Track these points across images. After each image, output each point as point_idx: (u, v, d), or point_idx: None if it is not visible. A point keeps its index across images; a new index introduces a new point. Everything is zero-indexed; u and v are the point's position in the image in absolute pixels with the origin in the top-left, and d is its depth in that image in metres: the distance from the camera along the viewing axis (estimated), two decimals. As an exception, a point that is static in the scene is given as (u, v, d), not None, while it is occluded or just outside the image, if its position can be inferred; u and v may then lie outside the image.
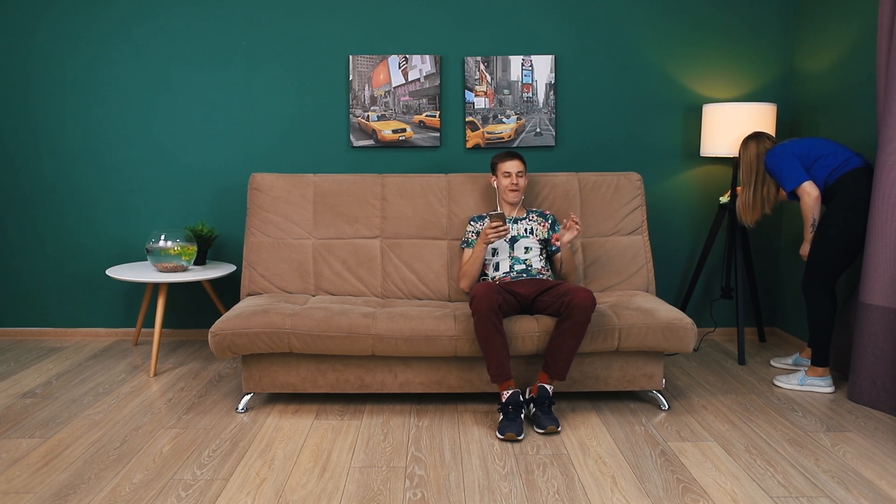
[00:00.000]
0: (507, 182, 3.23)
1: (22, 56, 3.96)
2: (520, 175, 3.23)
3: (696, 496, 2.29)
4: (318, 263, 3.49)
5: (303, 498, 2.28)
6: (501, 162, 3.26)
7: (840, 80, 3.57)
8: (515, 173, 3.22)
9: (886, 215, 2.96)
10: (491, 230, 2.96)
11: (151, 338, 4.16)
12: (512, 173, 3.22)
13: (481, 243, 3.09)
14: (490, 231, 2.97)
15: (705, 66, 3.99)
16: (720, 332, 4.18)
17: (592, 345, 2.93)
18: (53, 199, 4.07)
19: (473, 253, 3.16)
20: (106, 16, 3.93)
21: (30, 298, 4.16)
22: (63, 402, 3.12)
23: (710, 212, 4.10)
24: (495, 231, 2.96)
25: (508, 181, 3.22)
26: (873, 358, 3.02)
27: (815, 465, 2.51)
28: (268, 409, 3.04)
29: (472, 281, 3.22)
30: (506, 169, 3.24)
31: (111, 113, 4.00)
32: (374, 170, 4.03)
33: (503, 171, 3.25)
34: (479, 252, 3.13)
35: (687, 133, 4.04)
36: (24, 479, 2.40)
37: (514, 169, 3.23)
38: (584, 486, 2.36)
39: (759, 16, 3.96)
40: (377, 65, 3.94)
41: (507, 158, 3.25)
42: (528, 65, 3.94)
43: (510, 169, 3.23)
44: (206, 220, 4.07)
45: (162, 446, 2.67)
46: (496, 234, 2.97)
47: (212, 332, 2.94)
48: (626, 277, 3.46)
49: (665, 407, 3.04)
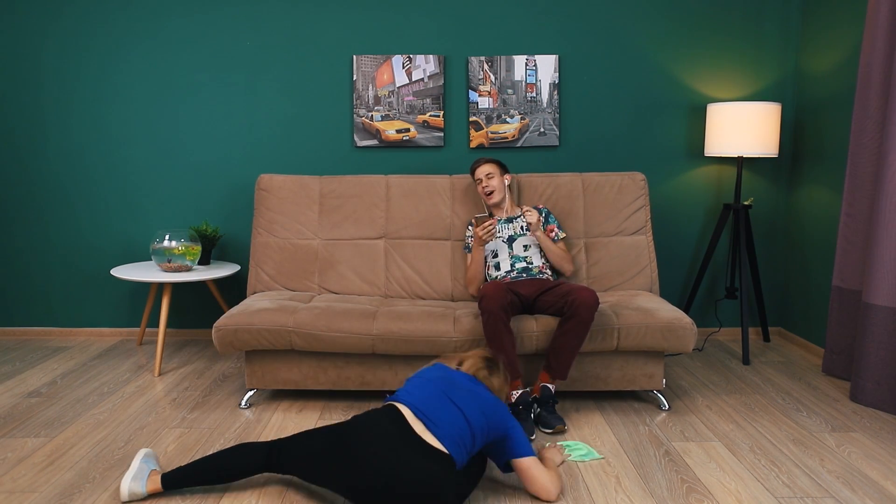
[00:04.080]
0: (479, 188, 3.33)
1: (32, 57, 3.97)
2: (490, 177, 3.30)
3: (701, 496, 2.29)
4: (323, 263, 3.50)
5: (306, 497, 2.28)
6: (473, 171, 3.38)
7: (844, 80, 3.56)
8: (485, 176, 3.31)
9: (890, 215, 2.95)
10: (482, 231, 3.02)
11: (156, 337, 4.17)
12: (482, 178, 3.32)
13: (477, 246, 3.13)
14: (482, 232, 3.02)
15: (709, 66, 3.99)
16: (725, 332, 4.18)
17: (591, 344, 2.93)
18: (60, 198, 4.08)
19: (473, 258, 3.20)
20: (114, 18, 3.95)
21: (35, 298, 4.17)
22: (68, 401, 3.13)
23: (714, 211, 4.10)
24: (486, 231, 3.01)
25: (480, 187, 3.33)
26: (877, 358, 3.01)
27: (820, 465, 2.51)
28: (272, 408, 3.05)
29: (479, 284, 3.25)
30: (476, 176, 3.36)
31: (118, 113, 4.02)
32: (378, 170, 4.03)
33: (475, 178, 3.36)
34: (478, 255, 3.17)
35: (691, 133, 4.04)
36: (30, 479, 2.41)
37: (483, 174, 3.32)
38: (587, 486, 2.35)
39: (764, 15, 3.96)
40: (381, 65, 3.94)
41: (476, 166, 3.36)
42: (531, 64, 3.94)
43: (479, 175, 3.34)
44: (211, 219, 4.08)
45: (166, 445, 2.67)
46: (488, 234, 3.02)
47: (215, 328, 2.96)
48: (630, 277, 3.46)
49: (665, 407, 3.03)
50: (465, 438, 2.15)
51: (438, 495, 2.03)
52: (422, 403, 2.19)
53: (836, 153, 3.63)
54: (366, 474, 2.05)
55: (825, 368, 3.45)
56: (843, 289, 3.33)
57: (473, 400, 2.22)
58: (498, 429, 2.23)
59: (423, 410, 2.17)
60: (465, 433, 2.15)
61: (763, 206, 4.09)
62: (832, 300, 3.37)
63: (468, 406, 2.19)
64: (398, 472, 2.03)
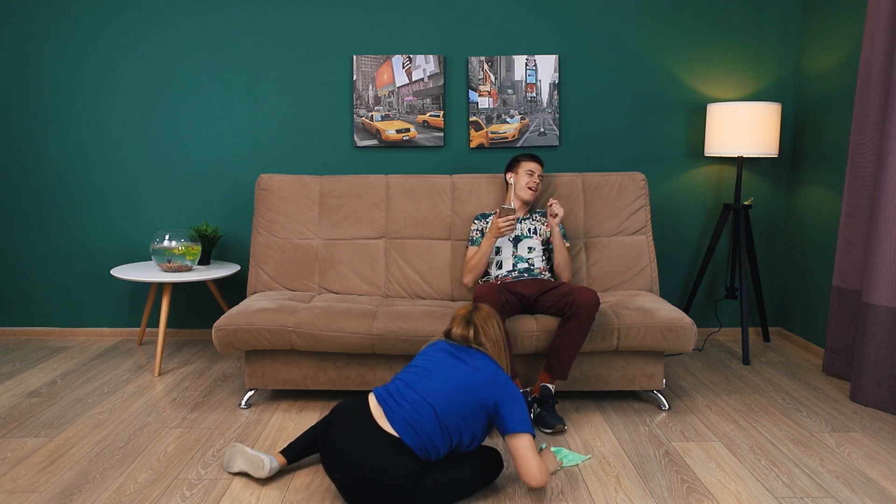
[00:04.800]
0: (529, 179, 3.28)
1: (32, 57, 3.97)
2: (540, 177, 3.31)
3: (701, 496, 2.29)
4: (323, 263, 3.50)
5: (306, 497, 2.28)
6: (526, 161, 3.32)
7: (844, 80, 3.56)
8: (538, 174, 3.29)
9: (890, 215, 2.95)
10: (503, 222, 2.99)
11: (156, 337, 4.17)
12: (535, 172, 3.29)
13: (491, 236, 3.11)
14: (502, 223, 2.99)
15: (710, 66, 3.99)
16: (725, 332, 4.18)
17: (591, 344, 2.93)
18: (60, 198, 4.08)
19: (481, 248, 3.18)
20: (115, 17, 3.95)
21: (35, 298, 4.17)
22: (68, 401, 3.13)
23: (714, 211, 4.10)
24: (507, 223, 2.99)
25: (530, 179, 3.28)
26: (877, 358, 3.01)
27: (820, 465, 2.51)
28: (272, 408, 3.05)
29: (476, 276, 3.23)
30: (530, 167, 3.30)
31: (118, 113, 4.02)
32: (378, 170, 4.03)
33: (527, 168, 3.30)
34: (487, 246, 3.15)
35: (691, 133, 4.04)
36: (30, 479, 2.41)
37: (538, 170, 3.31)
38: (588, 486, 2.35)
39: (764, 15, 3.96)
40: (381, 65, 3.94)
41: (531, 159, 3.33)
42: (531, 64, 3.94)
43: (534, 168, 3.30)
44: (211, 219, 4.08)
45: (166, 445, 2.67)
46: (508, 227, 3.00)
47: (215, 328, 2.96)
48: (630, 277, 3.46)
49: (665, 407, 3.03)
50: (426, 424, 2.13)
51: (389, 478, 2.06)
52: (394, 388, 2.22)
53: (836, 153, 3.63)
54: (341, 470, 2.12)
55: (825, 368, 3.45)
56: (844, 289, 3.33)
57: (451, 376, 2.19)
58: (487, 402, 2.18)
59: (389, 396, 2.20)
60: (425, 418, 2.13)
61: (763, 206, 4.09)
62: (832, 300, 3.37)
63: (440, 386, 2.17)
64: (361, 461, 2.08)
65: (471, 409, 2.17)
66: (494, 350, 2.31)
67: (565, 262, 3.24)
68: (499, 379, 2.22)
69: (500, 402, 2.19)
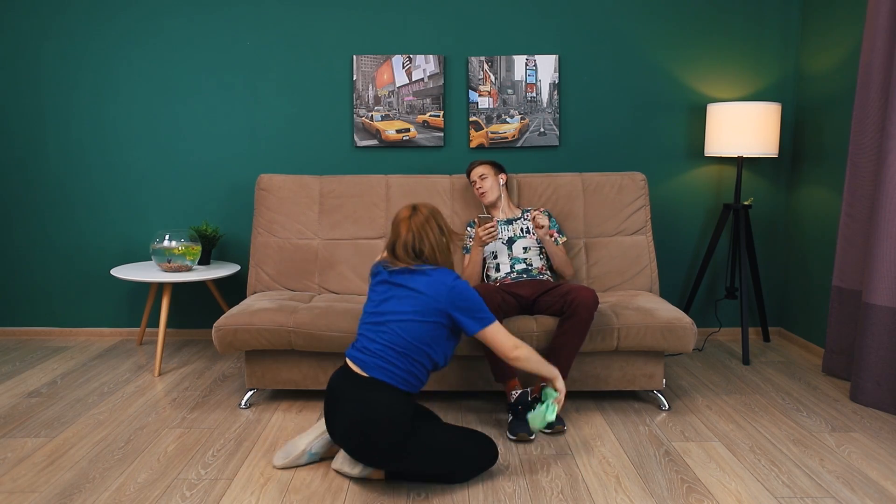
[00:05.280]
0: (474, 189, 3.36)
1: (32, 57, 3.97)
2: (483, 178, 3.33)
3: (701, 496, 2.29)
4: (322, 263, 3.50)
5: (307, 497, 2.28)
6: (468, 173, 3.41)
7: (844, 80, 3.56)
8: (479, 177, 3.33)
9: (890, 215, 2.95)
10: (483, 232, 3.01)
11: (156, 337, 4.17)
12: (475, 180, 3.35)
13: (477, 246, 3.12)
14: (482, 233, 3.01)
15: (709, 66, 3.99)
16: (725, 332, 4.18)
17: (591, 344, 2.93)
18: (60, 198, 4.08)
19: (471, 257, 3.19)
20: (114, 18, 3.95)
21: (35, 298, 4.17)
22: (68, 401, 3.13)
23: (714, 211, 4.10)
24: (487, 232, 3.00)
25: (474, 188, 3.35)
26: (877, 358, 3.01)
27: (820, 465, 2.51)
28: (272, 408, 3.05)
29: (474, 283, 3.23)
30: (470, 178, 3.39)
31: (118, 113, 4.02)
32: (378, 170, 4.03)
33: (472, 179, 3.38)
34: (476, 255, 3.16)
35: (691, 133, 4.04)
36: (30, 479, 2.41)
37: (476, 175, 3.35)
38: (588, 486, 2.35)
39: (764, 15, 3.96)
40: (381, 65, 3.94)
41: (470, 168, 3.39)
42: (531, 64, 3.94)
43: (473, 177, 3.37)
44: (211, 219, 4.08)
45: (166, 445, 2.67)
46: (489, 235, 3.00)
47: (215, 328, 2.96)
48: (630, 277, 3.46)
49: (665, 407, 3.03)
50: (396, 361, 2.27)
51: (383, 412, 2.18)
52: (360, 345, 2.34)
53: (836, 153, 3.63)
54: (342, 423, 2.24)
55: (825, 368, 3.45)
56: (843, 289, 3.33)
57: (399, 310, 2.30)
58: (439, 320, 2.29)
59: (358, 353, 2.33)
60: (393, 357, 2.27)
61: (763, 206, 4.09)
62: (832, 300, 3.37)
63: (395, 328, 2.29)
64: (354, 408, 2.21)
65: (429, 334, 2.30)
66: (432, 254, 2.39)
67: (564, 263, 3.24)
68: (439, 291, 2.30)
69: (451, 313, 2.31)
